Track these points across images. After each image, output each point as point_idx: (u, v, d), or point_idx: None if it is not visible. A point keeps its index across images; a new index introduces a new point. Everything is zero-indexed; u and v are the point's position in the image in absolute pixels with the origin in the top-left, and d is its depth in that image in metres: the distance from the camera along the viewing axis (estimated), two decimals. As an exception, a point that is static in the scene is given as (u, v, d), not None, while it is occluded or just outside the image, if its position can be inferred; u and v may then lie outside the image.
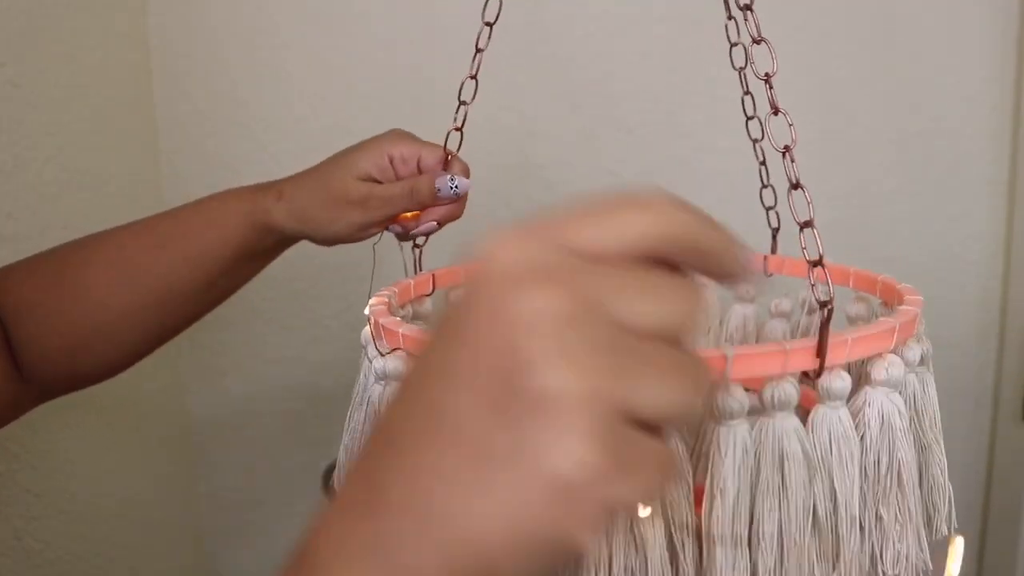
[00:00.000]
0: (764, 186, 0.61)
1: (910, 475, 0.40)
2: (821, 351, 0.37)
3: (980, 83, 0.86)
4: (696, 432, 0.36)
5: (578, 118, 0.90)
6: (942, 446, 0.44)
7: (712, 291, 0.63)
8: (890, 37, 0.87)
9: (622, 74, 0.89)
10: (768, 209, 0.61)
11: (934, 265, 0.90)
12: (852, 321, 0.55)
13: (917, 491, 0.41)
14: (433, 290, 0.56)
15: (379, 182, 0.56)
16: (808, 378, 0.38)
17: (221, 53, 0.91)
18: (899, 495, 0.40)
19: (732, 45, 0.57)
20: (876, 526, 0.40)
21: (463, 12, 0.54)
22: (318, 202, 0.56)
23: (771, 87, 0.43)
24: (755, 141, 0.61)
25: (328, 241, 0.58)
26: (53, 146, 0.75)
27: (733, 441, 0.36)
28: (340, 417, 0.52)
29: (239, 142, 0.92)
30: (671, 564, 0.35)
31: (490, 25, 0.52)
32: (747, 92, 0.59)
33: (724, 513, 0.35)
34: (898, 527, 0.40)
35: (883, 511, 0.40)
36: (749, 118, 0.60)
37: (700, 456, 0.38)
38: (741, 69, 0.58)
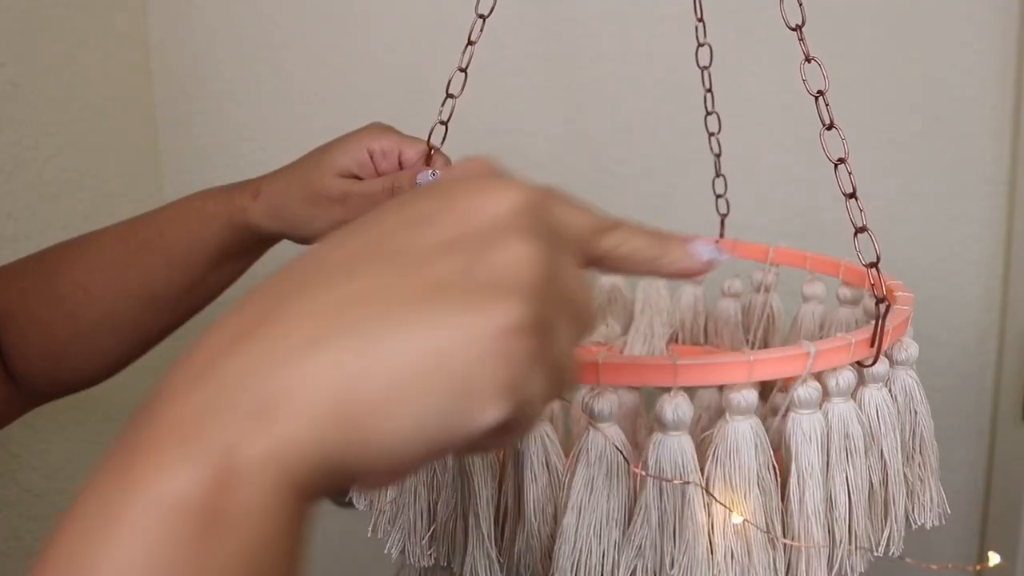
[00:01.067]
0: (717, 175, 0.66)
1: (930, 437, 0.46)
2: (877, 342, 0.41)
3: (980, 83, 0.86)
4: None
5: (578, 118, 0.90)
6: (929, 409, 0.48)
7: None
8: (890, 37, 0.86)
9: (622, 74, 0.89)
10: (718, 197, 0.66)
11: (934, 265, 0.90)
12: (807, 300, 0.61)
13: (934, 449, 0.46)
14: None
15: (360, 178, 0.54)
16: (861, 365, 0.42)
17: (221, 53, 0.91)
18: (921, 457, 0.45)
19: (699, 45, 0.62)
20: (903, 484, 0.45)
21: (464, 13, 0.54)
22: (296, 200, 0.54)
23: (827, 103, 0.47)
24: (711, 135, 0.66)
25: (308, 240, 0.55)
26: (53, 146, 0.75)
27: (813, 426, 0.40)
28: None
29: (239, 142, 0.92)
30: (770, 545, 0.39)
31: (483, 18, 0.52)
32: (708, 90, 0.64)
33: (816, 491, 0.40)
34: (921, 483, 0.45)
35: (907, 471, 0.45)
36: (708, 113, 0.65)
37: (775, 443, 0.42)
38: (704, 68, 0.64)
